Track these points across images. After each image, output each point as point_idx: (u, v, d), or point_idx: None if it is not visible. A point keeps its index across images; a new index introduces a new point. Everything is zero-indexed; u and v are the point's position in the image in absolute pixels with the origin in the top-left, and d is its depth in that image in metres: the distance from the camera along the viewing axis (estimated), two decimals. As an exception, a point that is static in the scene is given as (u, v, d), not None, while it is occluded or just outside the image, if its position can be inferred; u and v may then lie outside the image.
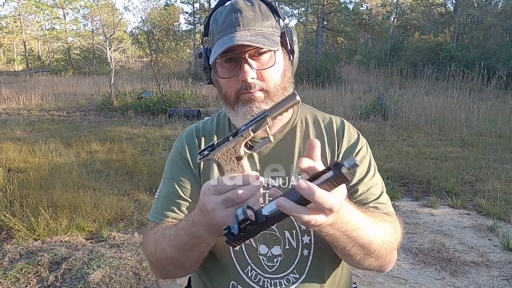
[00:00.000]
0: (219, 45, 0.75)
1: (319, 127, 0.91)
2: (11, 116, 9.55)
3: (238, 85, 0.78)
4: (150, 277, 2.54)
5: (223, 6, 0.81)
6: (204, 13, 25.87)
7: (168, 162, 0.93)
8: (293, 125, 0.90)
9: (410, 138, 7.23)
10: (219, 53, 0.73)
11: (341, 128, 0.91)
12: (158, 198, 0.89)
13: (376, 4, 32.72)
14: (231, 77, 0.78)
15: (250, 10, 0.78)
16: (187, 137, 0.93)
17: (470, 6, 21.87)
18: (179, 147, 0.92)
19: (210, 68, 0.85)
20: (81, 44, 31.04)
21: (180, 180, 0.87)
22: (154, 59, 11.64)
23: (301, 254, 0.83)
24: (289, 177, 0.85)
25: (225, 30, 0.76)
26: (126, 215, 3.57)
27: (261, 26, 0.77)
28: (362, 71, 19.97)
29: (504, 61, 14.49)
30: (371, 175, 0.87)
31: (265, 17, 0.79)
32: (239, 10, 0.77)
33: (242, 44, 0.72)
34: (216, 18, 0.80)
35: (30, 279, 2.46)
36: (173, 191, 0.86)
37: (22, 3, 30.02)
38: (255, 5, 0.79)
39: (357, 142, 0.89)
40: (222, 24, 0.77)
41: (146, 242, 0.84)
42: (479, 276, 2.67)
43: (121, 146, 6.19)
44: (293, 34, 0.84)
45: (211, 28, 0.81)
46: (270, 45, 0.75)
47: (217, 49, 0.75)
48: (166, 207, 0.86)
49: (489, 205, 3.88)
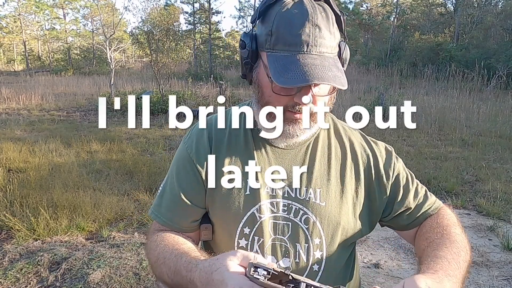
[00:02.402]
0: (291, 67, 0.67)
1: (340, 138, 0.87)
2: (11, 116, 9.55)
3: (289, 103, 0.73)
4: (150, 277, 2.54)
5: (295, 4, 0.70)
6: (204, 13, 25.85)
7: (175, 159, 0.88)
8: (317, 133, 0.86)
9: (410, 138, 7.23)
10: (297, 85, 0.67)
11: (365, 143, 0.89)
12: (162, 196, 0.86)
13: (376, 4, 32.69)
14: (287, 95, 0.72)
15: (326, 28, 0.69)
16: (197, 135, 0.86)
17: (470, 6, 21.86)
18: (188, 146, 0.85)
19: (252, 63, 0.76)
20: (81, 44, 31.02)
21: (186, 185, 0.83)
22: (154, 59, 11.64)
23: (311, 268, 0.80)
24: (306, 189, 0.81)
25: (297, 46, 0.68)
26: (126, 215, 3.57)
27: (332, 50, 0.71)
28: (362, 71, 19.94)
29: (504, 61, 14.49)
30: (411, 181, 0.88)
31: (336, 36, 0.72)
32: (318, 27, 0.68)
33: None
34: (286, 20, 0.69)
35: (30, 279, 2.46)
36: (178, 195, 0.83)
37: (22, 3, 30.00)
38: (330, 19, 0.71)
39: (390, 159, 0.88)
40: (295, 36, 0.68)
41: (149, 249, 0.82)
42: (479, 276, 2.67)
43: (121, 146, 6.19)
44: (347, 52, 0.78)
45: (276, 28, 0.70)
46: (343, 83, 0.68)
47: (286, 70, 0.67)
48: (170, 210, 0.84)
49: (489, 205, 3.88)
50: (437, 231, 0.81)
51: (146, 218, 3.41)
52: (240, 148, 0.84)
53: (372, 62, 20.62)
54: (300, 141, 0.83)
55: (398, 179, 0.86)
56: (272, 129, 0.75)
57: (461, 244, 0.78)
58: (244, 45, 0.75)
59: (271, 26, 0.70)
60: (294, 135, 0.77)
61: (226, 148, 0.83)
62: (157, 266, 0.76)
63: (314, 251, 0.80)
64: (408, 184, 0.87)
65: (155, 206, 0.86)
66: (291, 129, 0.75)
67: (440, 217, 0.85)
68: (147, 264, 2.67)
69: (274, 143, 0.83)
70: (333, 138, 0.87)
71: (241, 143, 0.84)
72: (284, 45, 0.69)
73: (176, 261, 0.71)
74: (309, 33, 0.67)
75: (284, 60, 0.68)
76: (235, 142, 0.84)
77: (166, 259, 0.73)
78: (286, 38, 0.68)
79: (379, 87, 11.98)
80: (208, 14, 24.91)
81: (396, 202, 0.85)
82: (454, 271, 0.68)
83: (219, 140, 0.84)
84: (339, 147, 0.86)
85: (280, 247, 0.80)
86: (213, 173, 0.82)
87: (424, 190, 0.89)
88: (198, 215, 0.84)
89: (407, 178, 0.88)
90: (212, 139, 0.84)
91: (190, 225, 0.84)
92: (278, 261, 0.80)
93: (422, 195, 0.87)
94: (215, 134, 0.85)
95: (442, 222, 0.84)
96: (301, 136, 0.78)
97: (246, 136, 0.84)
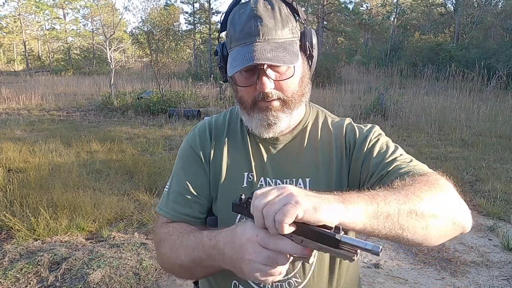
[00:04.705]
0: (238, 57, 0.74)
1: (328, 128, 0.90)
2: (11, 116, 9.55)
3: (255, 94, 0.77)
4: (150, 277, 2.54)
5: (241, 6, 0.79)
6: (204, 13, 25.86)
7: (179, 156, 0.92)
8: (304, 125, 0.90)
9: (410, 138, 7.23)
10: (238, 70, 0.73)
11: (350, 125, 0.90)
12: (168, 192, 0.88)
13: (376, 4, 32.71)
14: (249, 85, 0.77)
15: (271, 17, 0.75)
16: (200, 131, 0.91)
17: (470, 6, 21.88)
18: (191, 141, 0.90)
19: (225, 67, 0.83)
20: (81, 44, 31.04)
21: (192, 175, 0.86)
22: (154, 59, 11.65)
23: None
24: (296, 179, 0.84)
25: (244, 39, 0.75)
26: (126, 215, 3.57)
27: (281, 35, 0.75)
28: (362, 71, 19.97)
29: (504, 61, 14.50)
30: (391, 151, 0.81)
31: (285, 22, 0.77)
32: (259, 18, 0.74)
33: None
34: (234, 21, 0.78)
35: (30, 279, 2.46)
36: (185, 186, 0.85)
37: (22, 3, 30.01)
38: (276, 9, 0.76)
39: (369, 131, 0.86)
40: (241, 32, 0.75)
41: (161, 240, 0.83)
42: (479, 276, 2.67)
43: (121, 146, 6.19)
44: (313, 36, 0.82)
45: (229, 32, 0.79)
46: (290, 60, 0.73)
47: (235, 60, 0.74)
48: (178, 202, 0.85)
49: (489, 205, 3.88)
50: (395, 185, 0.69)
51: (146, 218, 3.41)
52: (237, 143, 0.89)
53: (372, 62, 20.64)
54: (288, 132, 0.87)
55: (376, 144, 0.83)
56: (251, 120, 0.82)
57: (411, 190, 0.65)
58: (217, 52, 0.85)
59: (228, 29, 0.80)
60: (271, 123, 0.80)
61: (225, 143, 0.89)
62: (173, 252, 0.77)
63: None
64: (387, 150, 0.81)
65: (161, 203, 0.89)
66: (264, 117, 0.79)
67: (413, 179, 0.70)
68: (147, 264, 2.66)
69: (263, 136, 0.84)
70: (320, 129, 0.90)
71: (238, 139, 0.90)
72: (236, 41, 0.76)
73: (196, 238, 0.74)
74: (251, 25, 0.74)
75: (235, 53, 0.76)
76: (233, 138, 0.90)
77: (184, 241, 0.76)
78: (236, 34, 0.76)
79: (379, 87, 11.99)
80: (208, 14, 24.90)
81: (372, 163, 0.80)
82: (360, 197, 0.60)
83: (219, 136, 0.90)
84: (324, 134, 0.89)
85: None
86: (215, 165, 0.87)
87: (408, 157, 0.80)
88: (205, 207, 0.86)
89: (388, 146, 0.83)
90: (213, 135, 0.90)
91: (197, 215, 0.86)
92: None
93: (403, 158, 0.79)
94: (215, 130, 0.91)
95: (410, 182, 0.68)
96: (280, 123, 0.80)
97: (242, 133, 0.90)
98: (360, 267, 2.69)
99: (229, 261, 0.64)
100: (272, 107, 0.78)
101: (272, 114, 0.78)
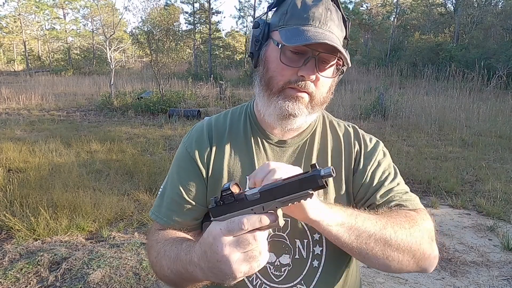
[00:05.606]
0: (301, 34, 0.70)
1: (337, 135, 0.89)
2: (11, 116, 9.55)
3: (292, 78, 0.74)
4: (150, 277, 2.54)
5: None
6: (204, 13, 25.85)
7: (175, 159, 0.88)
8: (313, 129, 0.88)
9: (410, 138, 7.23)
10: (304, 43, 0.69)
11: (356, 136, 0.89)
12: (163, 196, 0.86)
13: (376, 4, 32.69)
14: (292, 66, 0.73)
15: (336, 17, 0.75)
16: (197, 134, 0.87)
17: (470, 6, 21.86)
18: (187, 145, 0.86)
19: (262, 41, 0.79)
20: (81, 44, 31.05)
21: (187, 183, 0.83)
22: (154, 59, 11.63)
23: (311, 264, 0.80)
24: None
25: (311, 20, 0.72)
26: (126, 215, 3.57)
27: (340, 36, 0.76)
28: (362, 71, 19.94)
29: (504, 61, 14.50)
30: (391, 179, 0.83)
31: (342, 29, 0.77)
32: (329, 10, 0.74)
33: (332, 45, 0.69)
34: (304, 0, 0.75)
35: (30, 279, 2.46)
36: (179, 193, 0.83)
37: (22, 3, 30.01)
38: (339, 14, 0.77)
39: (375, 149, 0.87)
40: (309, 11, 0.72)
41: (150, 248, 0.81)
42: (479, 276, 2.67)
43: (121, 146, 6.19)
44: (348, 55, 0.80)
45: (291, 6, 0.75)
46: (347, 60, 0.73)
47: (297, 35, 0.70)
48: (171, 209, 0.83)
49: (489, 205, 3.88)
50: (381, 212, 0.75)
51: (146, 218, 3.41)
52: (239, 146, 0.85)
53: (372, 62, 20.63)
54: (296, 135, 0.85)
55: (378, 168, 0.84)
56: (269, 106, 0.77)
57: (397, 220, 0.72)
58: (258, 24, 0.79)
59: (288, 6, 0.75)
60: (291, 113, 0.76)
61: (226, 146, 0.85)
62: (158, 261, 0.74)
63: (313, 247, 0.80)
64: (387, 178, 0.83)
65: (155, 207, 0.86)
66: (290, 106, 0.75)
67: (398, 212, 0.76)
68: (147, 264, 2.66)
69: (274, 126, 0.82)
70: (329, 133, 0.88)
71: (241, 141, 0.85)
72: (298, 19, 0.73)
73: (177, 249, 0.70)
74: (322, 12, 0.73)
75: (295, 30, 0.72)
76: (235, 140, 0.86)
77: (167, 251, 0.73)
78: (300, 13, 0.73)
79: (379, 87, 11.98)
80: (208, 14, 24.91)
81: (370, 187, 0.82)
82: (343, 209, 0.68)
83: (219, 138, 0.86)
84: (334, 141, 0.87)
85: (280, 243, 0.80)
86: (215, 168, 0.83)
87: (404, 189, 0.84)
88: (200, 213, 0.84)
89: (389, 172, 0.85)
90: (212, 138, 0.86)
91: (191, 223, 0.83)
92: (278, 258, 0.80)
93: (399, 189, 0.83)
94: (215, 133, 0.86)
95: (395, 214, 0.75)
96: (299, 118, 0.77)
97: (246, 135, 0.86)
98: (360, 267, 2.69)
99: (209, 273, 0.59)
100: (300, 98, 0.75)
101: (298, 105, 0.75)
